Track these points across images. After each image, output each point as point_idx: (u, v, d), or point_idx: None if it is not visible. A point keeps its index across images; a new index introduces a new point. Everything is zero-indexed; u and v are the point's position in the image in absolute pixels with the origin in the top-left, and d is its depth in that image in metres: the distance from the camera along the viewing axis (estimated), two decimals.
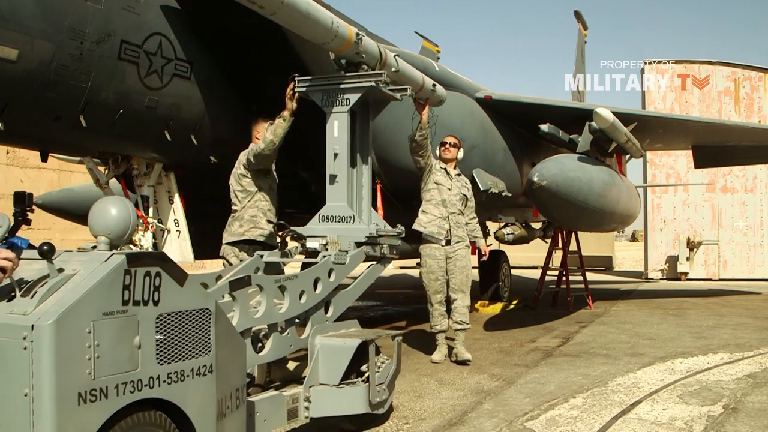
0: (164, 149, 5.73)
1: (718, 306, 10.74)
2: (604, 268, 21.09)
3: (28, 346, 2.10)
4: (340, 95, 4.34)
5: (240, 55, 5.81)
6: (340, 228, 4.28)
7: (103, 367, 2.24)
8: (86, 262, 2.36)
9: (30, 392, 2.09)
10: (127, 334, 2.33)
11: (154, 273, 2.44)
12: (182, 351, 2.53)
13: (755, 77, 17.06)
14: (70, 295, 2.20)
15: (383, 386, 3.86)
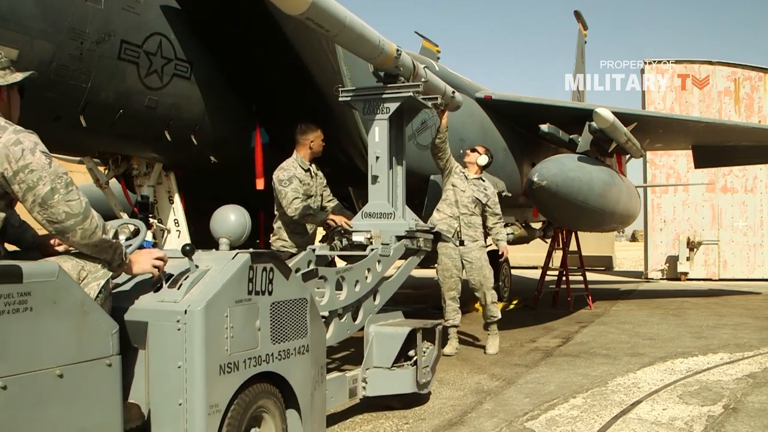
0: (164, 149, 5.74)
1: (718, 306, 10.74)
2: (604, 268, 21.10)
3: (182, 328, 2.54)
4: (381, 104, 4.75)
5: (240, 55, 5.82)
6: (381, 223, 4.69)
7: (236, 345, 2.70)
8: (216, 260, 2.81)
9: (183, 364, 2.52)
10: (251, 319, 2.80)
11: (269, 268, 2.92)
12: (288, 333, 3.03)
13: (755, 77, 17.07)
14: (211, 287, 2.64)
15: (428, 369, 4.36)
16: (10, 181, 2.24)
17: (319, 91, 6.14)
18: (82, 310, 2.27)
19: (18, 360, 2.04)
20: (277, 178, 5.21)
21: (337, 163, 6.61)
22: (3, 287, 1.99)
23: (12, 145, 2.24)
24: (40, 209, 2.27)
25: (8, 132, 2.27)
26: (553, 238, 11.09)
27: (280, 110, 6.34)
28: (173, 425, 2.54)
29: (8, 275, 2.03)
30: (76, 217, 2.32)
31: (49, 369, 2.12)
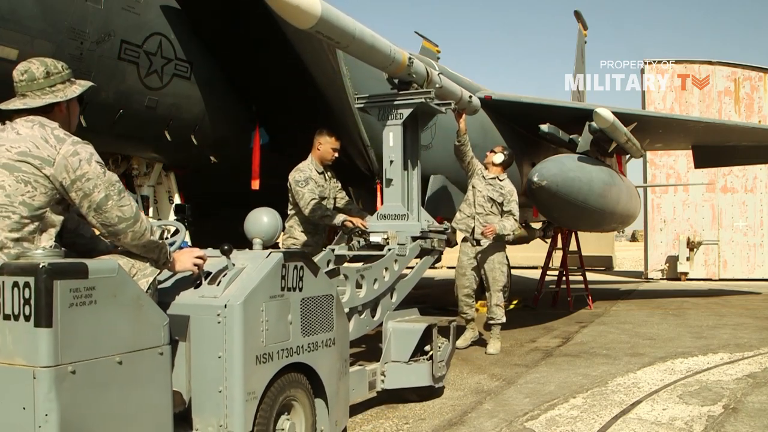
0: (164, 149, 5.74)
1: (718, 306, 10.74)
2: (604, 268, 21.10)
3: (222, 321, 2.74)
4: (395, 110, 4.92)
5: (240, 55, 5.82)
6: (396, 224, 4.86)
7: (270, 337, 2.90)
8: (251, 259, 3.02)
9: (223, 355, 2.73)
10: (284, 313, 3.01)
11: (300, 266, 3.12)
12: (316, 327, 3.22)
13: (755, 77, 17.07)
14: (248, 283, 2.85)
15: (443, 363, 4.56)
16: (68, 189, 2.44)
17: (319, 91, 6.14)
18: (138, 303, 2.45)
19: (85, 347, 2.21)
20: (294, 179, 5.32)
21: (336, 163, 6.61)
22: (73, 282, 2.17)
23: (70, 156, 2.43)
24: (95, 214, 2.49)
25: (67, 144, 2.45)
26: (553, 238, 11.09)
27: (280, 110, 6.34)
28: (214, 411, 2.75)
29: (77, 272, 2.20)
30: (127, 221, 2.53)
31: (111, 356, 2.30)
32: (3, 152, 2.42)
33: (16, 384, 2.11)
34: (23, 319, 2.12)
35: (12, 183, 2.40)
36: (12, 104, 2.56)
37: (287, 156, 6.64)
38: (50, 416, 2.08)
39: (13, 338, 2.14)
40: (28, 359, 2.11)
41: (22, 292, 2.12)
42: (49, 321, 2.10)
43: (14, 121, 2.53)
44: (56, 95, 2.59)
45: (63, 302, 2.13)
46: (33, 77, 2.57)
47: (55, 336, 2.10)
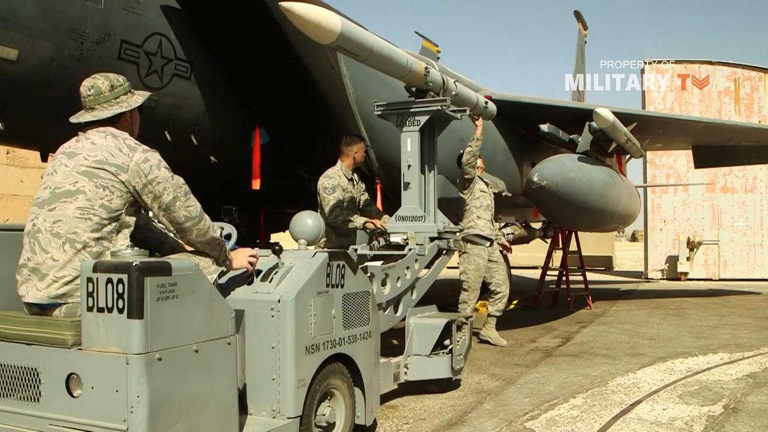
0: (164, 149, 5.72)
1: (718, 306, 10.74)
2: (604, 268, 21.10)
3: (275, 315, 3.01)
4: (412, 117, 5.12)
5: (240, 55, 5.81)
6: (415, 225, 5.07)
7: (317, 330, 3.17)
8: (298, 258, 3.28)
9: (276, 345, 3.00)
10: (328, 307, 3.27)
11: (342, 265, 3.39)
12: (355, 320, 3.49)
13: (755, 77, 17.07)
14: (297, 280, 3.12)
15: (461, 357, 4.85)
16: (140, 192, 2.71)
17: (319, 91, 6.14)
18: (210, 298, 2.67)
19: (168, 337, 2.43)
20: (322, 186, 5.56)
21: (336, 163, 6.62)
22: (160, 279, 2.39)
23: (142, 163, 2.70)
24: (165, 213, 2.76)
25: (138, 152, 2.72)
26: (553, 238, 11.09)
27: (280, 110, 6.34)
28: (267, 397, 3.01)
29: (163, 269, 2.43)
30: (193, 219, 2.81)
31: (189, 345, 2.52)
32: (81, 161, 2.68)
33: (110, 369, 2.33)
34: (117, 312, 2.34)
35: (92, 188, 2.65)
36: (83, 117, 2.82)
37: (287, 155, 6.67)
38: (141, 398, 2.30)
39: (106, 329, 2.36)
40: (122, 347, 2.33)
41: (116, 288, 2.34)
42: (140, 313, 2.32)
43: (86, 132, 2.79)
44: (121, 106, 2.84)
45: (152, 296, 2.35)
46: (99, 91, 2.82)
47: (145, 327, 2.33)
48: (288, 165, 6.94)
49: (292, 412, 3.00)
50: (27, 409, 2.51)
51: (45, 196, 2.70)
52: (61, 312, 2.64)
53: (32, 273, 2.66)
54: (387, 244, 5.01)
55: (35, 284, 2.65)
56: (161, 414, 2.36)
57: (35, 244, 2.66)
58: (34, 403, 2.50)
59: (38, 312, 2.67)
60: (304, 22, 3.85)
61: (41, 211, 2.69)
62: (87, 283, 2.39)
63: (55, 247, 2.63)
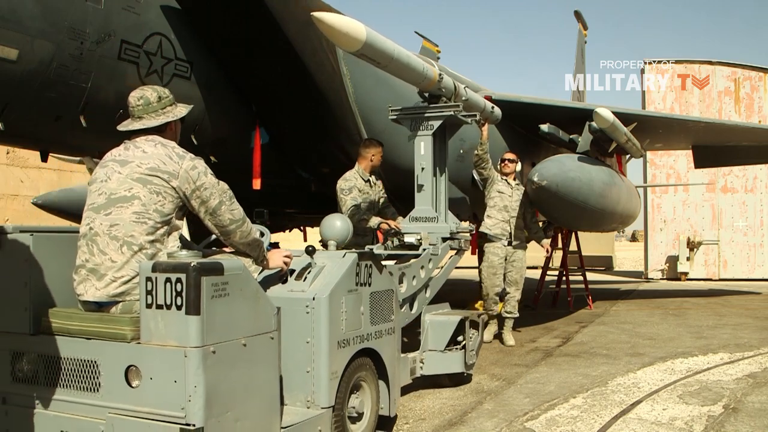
0: None
1: (718, 306, 10.74)
2: (604, 268, 21.09)
3: (310, 312, 3.23)
4: (425, 122, 5.34)
5: (240, 55, 5.81)
6: (428, 226, 5.27)
7: (348, 326, 3.41)
8: (329, 258, 3.53)
9: (311, 340, 3.22)
10: (357, 305, 3.51)
11: (369, 264, 3.64)
12: (381, 317, 3.73)
13: (755, 77, 17.06)
14: (330, 279, 3.35)
15: (473, 352, 5.06)
16: (189, 197, 2.91)
17: (319, 91, 6.14)
18: (256, 295, 2.85)
19: (221, 332, 2.60)
20: (339, 187, 5.76)
21: (337, 163, 6.61)
22: (214, 278, 2.56)
23: (191, 170, 2.90)
24: (211, 217, 2.97)
25: (187, 160, 2.92)
26: (553, 238, 11.08)
27: (280, 110, 6.33)
28: (302, 388, 3.22)
29: (216, 270, 2.60)
30: (237, 222, 3.01)
31: (238, 339, 2.69)
32: (135, 168, 2.86)
33: (169, 362, 2.50)
34: (175, 309, 2.51)
35: (146, 194, 2.83)
36: (132, 126, 3.01)
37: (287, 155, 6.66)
38: (198, 388, 2.47)
39: (165, 324, 2.53)
40: (180, 341, 2.50)
41: (174, 287, 2.51)
42: (197, 310, 2.49)
43: (134, 140, 2.98)
44: (167, 116, 3.05)
45: (207, 294, 2.53)
46: (148, 102, 3.04)
47: (201, 322, 2.50)
48: (288, 165, 6.94)
49: (326, 403, 3.21)
50: (87, 399, 2.69)
51: (100, 201, 2.88)
52: (118, 309, 2.82)
53: (90, 273, 2.84)
54: (401, 244, 5.17)
55: (93, 283, 2.82)
56: (215, 403, 2.52)
57: (93, 246, 2.84)
58: (93, 393, 2.69)
59: (95, 309, 2.84)
60: (334, 31, 4.14)
61: (97, 216, 2.87)
62: (146, 282, 2.56)
63: (113, 249, 2.81)
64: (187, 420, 2.46)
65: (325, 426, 3.21)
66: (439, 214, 5.38)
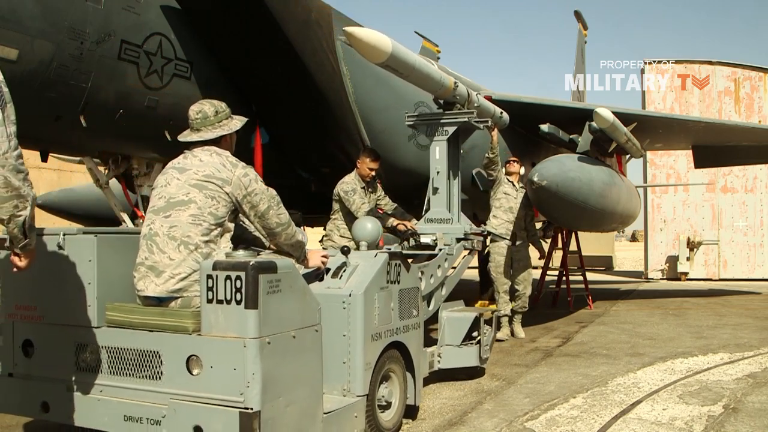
0: (164, 149, 5.72)
1: (718, 306, 10.74)
2: (604, 268, 21.08)
3: (346, 307, 3.49)
4: (441, 128, 5.57)
5: (240, 55, 5.81)
6: (442, 227, 5.49)
7: (380, 320, 3.68)
8: (362, 257, 3.79)
9: (347, 334, 3.48)
10: (388, 301, 3.79)
11: (398, 263, 3.93)
12: (408, 312, 4.00)
13: (755, 77, 17.05)
14: (364, 277, 3.62)
15: (487, 347, 5.32)
16: (241, 202, 3.16)
17: (319, 91, 6.14)
18: (303, 292, 3.08)
19: (275, 324, 2.83)
20: (343, 190, 5.89)
21: (337, 163, 6.61)
22: (269, 276, 2.80)
23: (243, 177, 3.16)
24: (259, 220, 3.23)
25: (239, 168, 3.18)
26: (553, 238, 11.08)
27: (280, 110, 6.33)
28: (338, 378, 3.46)
29: (271, 268, 2.82)
30: (283, 225, 3.29)
31: (288, 331, 2.92)
32: (192, 175, 3.12)
33: (229, 352, 2.73)
34: (234, 303, 2.74)
35: (202, 198, 3.08)
36: (190, 137, 3.29)
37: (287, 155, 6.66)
38: (256, 375, 2.70)
39: (225, 317, 2.76)
40: (239, 333, 2.73)
41: (234, 283, 2.73)
42: (255, 304, 2.72)
43: (192, 150, 3.25)
44: (223, 129, 3.30)
45: (263, 290, 2.75)
46: (206, 116, 3.28)
47: (259, 316, 2.73)
48: (288, 165, 6.94)
49: (361, 391, 3.46)
50: (149, 386, 2.93)
51: (160, 204, 3.14)
52: (177, 304, 3.05)
53: (150, 270, 3.07)
54: (417, 244, 5.37)
55: (153, 280, 3.05)
56: (269, 389, 2.75)
57: (153, 246, 3.08)
58: (155, 381, 2.92)
59: (155, 304, 3.07)
60: (362, 44, 4.48)
61: (157, 218, 3.12)
62: (207, 279, 2.79)
63: (172, 248, 3.04)
64: (246, 404, 2.68)
65: (360, 413, 3.45)
66: (453, 215, 5.59)
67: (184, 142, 3.30)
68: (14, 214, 2.30)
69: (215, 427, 2.73)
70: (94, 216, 9.68)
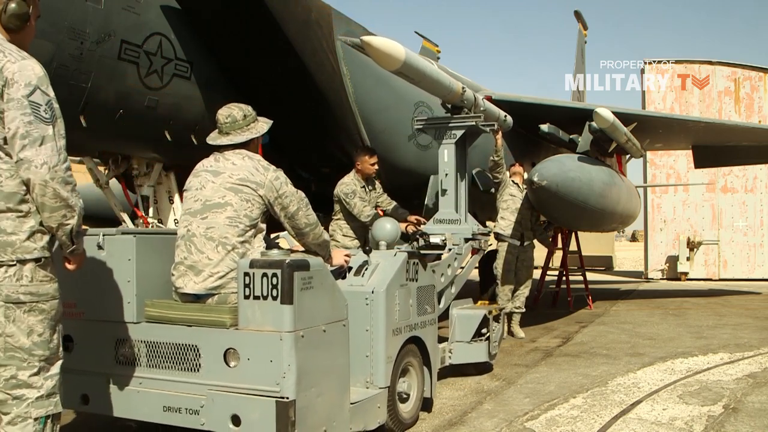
0: (164, 149, 5.73)
1: (718, 306, 10.74)
2: (604, 268, 21.08)
3: (369, 303, 3.68)
4: (449, 131, 5.74)
5: (240, 55, 5.81)
6: (451, 228, 5.64)
7: (400, 316, 3.87)
8: (382, 256, 3.98)
9: (369, 329, 3.67)
10: (407, 297, 3.98)
11: (416, 262, 4.15)
12: (425, 309, 4.21)
13: (755, 77, 17.05)
14: (385, 275, 3.81)
15: (496, 344, 5.53)
16: (272, 203, 3.33)
17: (319, 91, 6.13)
18: (333, 288, 3.25)
19: (308, 319, 2.99)
20: (342, 192, 5.92)
21: (336, 163, 6.61)
22: (303, 273, 2.96)
23: (274, 180, 3.34)
24: (289, 221, 3.40)
25: (271, 171, 3.36)
26: (553, 238, 11.07)
27: (279, 110, 6.33)
28: (362, 371, 3.63)
29: (304, 266, 2.99)
30: (311, 225, 3.47)
31: (319, 326, 3.09)
32: (227, 178, 3.28)
33: (266, 344, 2.90)
34: (271, 299, 2.91)
35: (237, 201, 3.24)
36: (220, 140, 3.43)
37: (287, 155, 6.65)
38: (291, 366, 2.86)
39: (262, 312, 2.92)
40: (276, 327, 2.89)
41: (270, 280, 2.90)
42: (290, 300, 2.89)
43: (223, 153, 3.39)
44: (251, 132, 3.47)
45: (298, 287, 2.92)
46: (235, 120, 3.43)
47: (294, 311, 2.90)
48: (288, 165, 6.94)
49: (383, 383, 3.65)
50: (187, 378, 3.09)
51: (197, 207, 3.30)
52: (214, 300, 3.21)
53: (189, 269, 3.24)
54: (426, 244, 5.43)
55: (192, 278, 3.22)
56: (303, 379, 2.90)
57: (191, 246, 3.25)
58: (194, 373, 3.08)
59: (192, 300, 3.24)
60: (378, 53, 4.71)
61: (194, 219, 3.29)
62: (244, 277, 2.95)
63: (210, 248, 3.21)
64: (282, 393, 2.84)
65: (382, 403, 3.64)
66: (461, 216, 5.76)
67: (213, 144, 3.44)
68: (62, 223, 2.46)
69: (253, 415, 2.87)
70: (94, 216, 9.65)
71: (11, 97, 2.41)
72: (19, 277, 2.38)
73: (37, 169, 2.36)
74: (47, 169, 2.37)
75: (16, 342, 2.37)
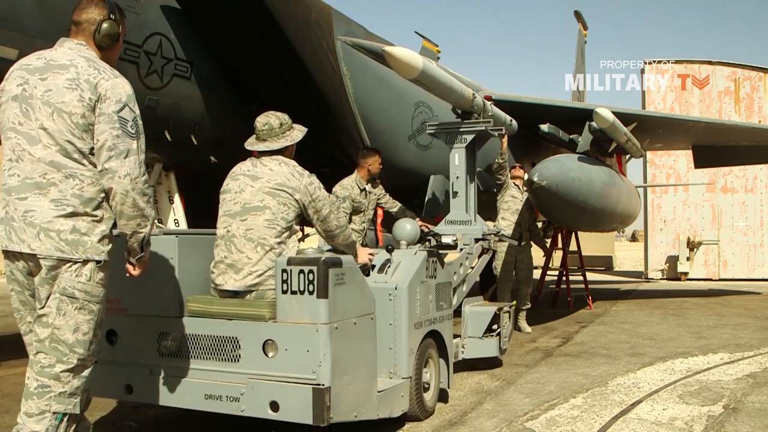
0: (164, 149, 5.73)
1: (718, 306, 10.73)
2: (604, 268, 21.08)
3: (393, 299, 3.88)
4: (460, 135, 5.97)
5: (240, 55, 5.81)
6: (462, 228, 5.86)
7: (421, 311, 4.07)
8: (403, 255, 4.18)
9: (393, 323, 3.86)
10: (427, 293, 4.18)
11: (435, 260, 4.33)
12: (443, 304, 4.41)
13: (755, 77, 17.05)
14: (407, 272, 4.01)
15: (506, 339, 5.70)
16: (306, 207, 3.54)
17: (319, 90, 6.14)
18: (362, 284, 3.51)
19: (341, 312, 3.22)
20: (336, 193, 5.86)
21: (336, 163, 6.61)
22: (337, 270, 3.20)
23: (309, 185, 3.54)
24: (321, 223, 3.62)
25: (305, 176, 3.56)
26: (553, 238, 11.08)
27: (280, 110, 6.33)
28: (385, 362, 3.81)
29: (338, 263, 3.22)
30: (341, 227, 3.72)
31: (351, 318, 3.33)
32: (265, 183, 3.49)
33: (303, 336, 3.12)
34: (307, 294, 3.13)
35: (275, 205, 3.46)
36: (257, 147, 3.63)
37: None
38: (326, 355, 3.08)
39: (299, 306, 3.15)
40: (312, 319, 3.12)
41: (307, 276, 3.13)
42: (326, 294, 3.12)
43: (261, 159, 3.60)
44: (287, 139, 3.65)
45: (332, 282, 3.15)
46: (272, 127, 3.62)
47: (329, 304, 3.12)
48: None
49: (406, 374, 3.85)
50: (228, 368, 3.28)
51: (236, 209, 3.51)
52: (252, 296, 3.42)
53: (229, 267, 3.45)
54: (438, 244, 5.63)
55: (232, 276, 3.44)
56: (337, 368, 3.12)
57: (231, 246, 3.47)
58: (234, 363, 3.27)
59: (231, 296, 3.44)
60: (398, 62, 4.99)
61: (233, 221, 3.50)
62: (281, 273, 3.18)
63: (250, 248, 3.42)
64: (318, 381, 3.06)
65: (405, 392, 3.83)
66: (471, 217, 5.98)
67: (250, 149, 3.64)
68: (136, 230, 2.69)
69: (291, 401, 3.08)
70: None
71: (102, 112, 2.58)
72: (78, 274, 2.55)
73: (120, 179, 2.57)
74: (129, 180, 2.59)
75: (62, 335, 2.53)
